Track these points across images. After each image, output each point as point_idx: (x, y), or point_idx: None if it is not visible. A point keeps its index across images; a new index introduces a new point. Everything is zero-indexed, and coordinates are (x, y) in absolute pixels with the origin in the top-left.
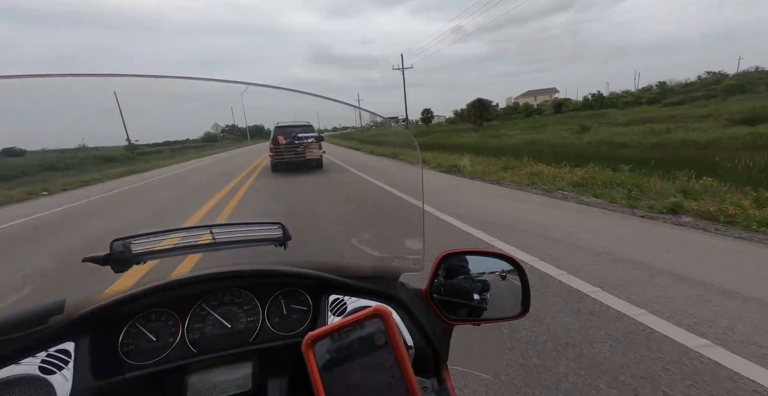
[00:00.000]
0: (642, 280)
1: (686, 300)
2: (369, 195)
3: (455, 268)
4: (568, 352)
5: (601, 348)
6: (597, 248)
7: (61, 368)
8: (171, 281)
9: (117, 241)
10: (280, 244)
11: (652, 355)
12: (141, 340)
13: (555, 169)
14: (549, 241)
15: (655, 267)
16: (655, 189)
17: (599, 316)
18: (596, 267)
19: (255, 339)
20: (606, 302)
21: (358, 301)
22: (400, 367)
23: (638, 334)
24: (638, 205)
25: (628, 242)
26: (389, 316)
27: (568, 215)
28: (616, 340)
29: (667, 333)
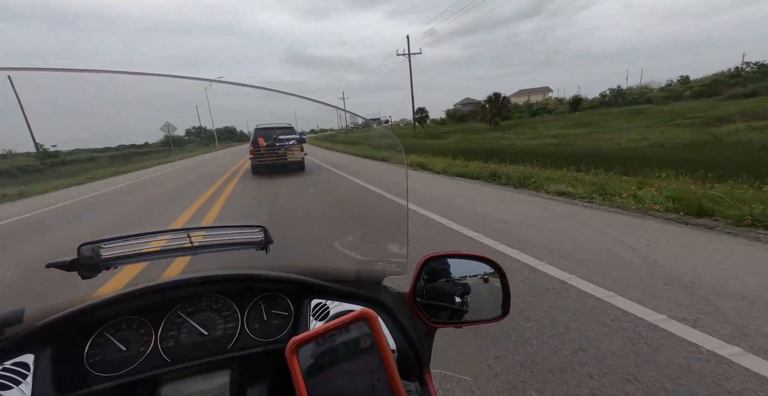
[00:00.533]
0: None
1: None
2: (353, 198)
3: (437, 271)
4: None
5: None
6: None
7: (18, 383)
8: (142, 287)
9: (85, 245)
10: (262, 248)
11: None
12: (109, 350)
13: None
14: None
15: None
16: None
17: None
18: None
19: (233, 346)
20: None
21: (341, 305)
22: (386, 370)
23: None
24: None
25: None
26: (375, 319)
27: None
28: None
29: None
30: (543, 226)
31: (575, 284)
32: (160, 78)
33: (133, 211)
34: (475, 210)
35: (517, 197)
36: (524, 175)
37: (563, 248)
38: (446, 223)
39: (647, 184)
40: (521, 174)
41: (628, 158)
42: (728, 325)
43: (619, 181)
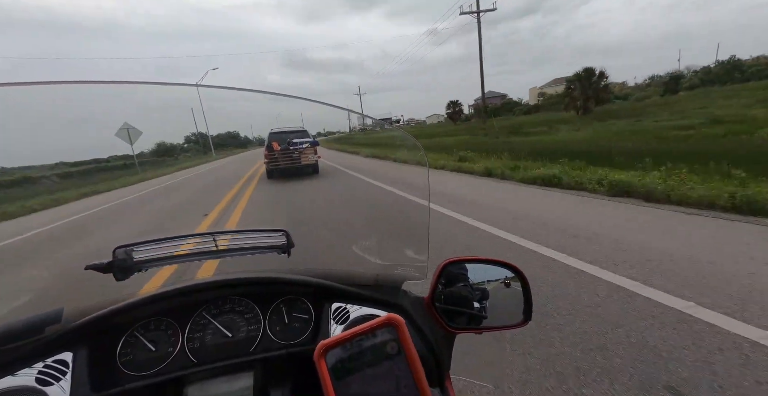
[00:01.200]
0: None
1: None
2: (374, 202)
3: (454, 275)
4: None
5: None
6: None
7: (58, 379)
8: (170, 290)
9: (119, 248)
10: (284, 252)
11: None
12: (140, 349)
13: None
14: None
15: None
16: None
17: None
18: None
19: (256, 348)
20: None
21: (361, 309)
22: (413, 376)
23: None
24: None
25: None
26: (402, 325)
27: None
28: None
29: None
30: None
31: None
32: (156, 86)
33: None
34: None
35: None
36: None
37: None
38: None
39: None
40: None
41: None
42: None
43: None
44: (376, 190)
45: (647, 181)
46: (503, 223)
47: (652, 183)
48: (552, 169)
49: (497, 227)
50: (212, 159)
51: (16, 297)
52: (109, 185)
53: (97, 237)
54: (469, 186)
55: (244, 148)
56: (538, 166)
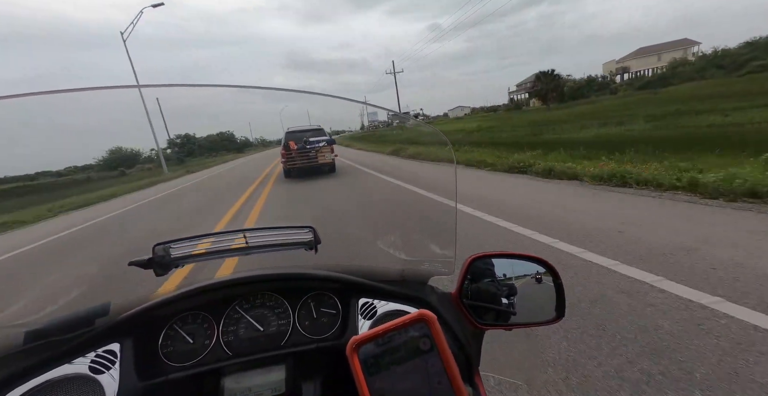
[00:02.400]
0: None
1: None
2: (398, 197)
3: (481, 271)
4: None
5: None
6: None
7: (108, 368)
8: (204, 285)
9: (158, 245)
10: (311, 248)
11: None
12: (179, 342)
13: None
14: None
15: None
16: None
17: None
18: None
19: (286, 342)
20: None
21: (388, 304)
22: (447, 372)
23: None
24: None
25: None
26: (434, 322)
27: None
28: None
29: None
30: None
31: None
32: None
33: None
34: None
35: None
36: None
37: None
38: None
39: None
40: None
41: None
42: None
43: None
44: (398, 186)
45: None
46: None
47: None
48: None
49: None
50: (165, 177)
51: (68, 292)
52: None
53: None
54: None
55: (239, 154)
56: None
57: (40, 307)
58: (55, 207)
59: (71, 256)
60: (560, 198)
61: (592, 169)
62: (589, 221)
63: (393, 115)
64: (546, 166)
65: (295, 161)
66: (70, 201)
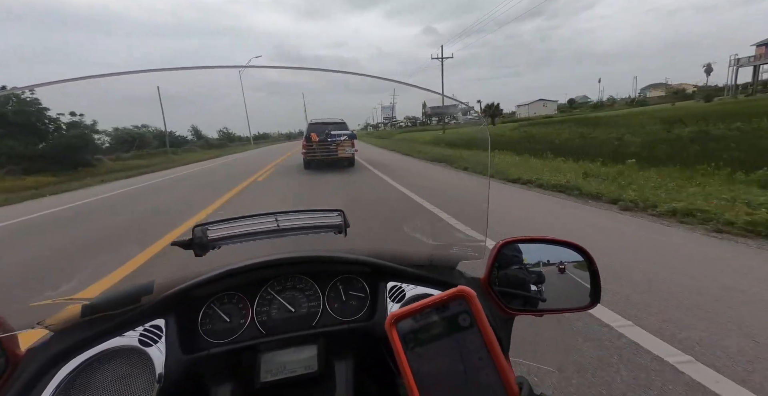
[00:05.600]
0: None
1: None
2: (435, 178)
3: (507, 257)
4: None
5: None
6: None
7: (156, 341)
8: (237, 267)
9: (198, 226)
10: (340, 231)
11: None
12: (216, 320)
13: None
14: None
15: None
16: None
17: None
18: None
19: (317, 323)
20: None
21: (417, 288)
22: (488, 349)
23: None
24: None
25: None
26: (473, 297)
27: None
28: None
29: None
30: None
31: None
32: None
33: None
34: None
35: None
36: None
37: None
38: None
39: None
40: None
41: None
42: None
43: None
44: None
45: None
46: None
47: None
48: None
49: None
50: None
51: (117, 270)
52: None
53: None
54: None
55: (214, 152)
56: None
57: (91, 284)
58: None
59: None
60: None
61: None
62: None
63: (437, 107)
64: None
65: (315, 153)
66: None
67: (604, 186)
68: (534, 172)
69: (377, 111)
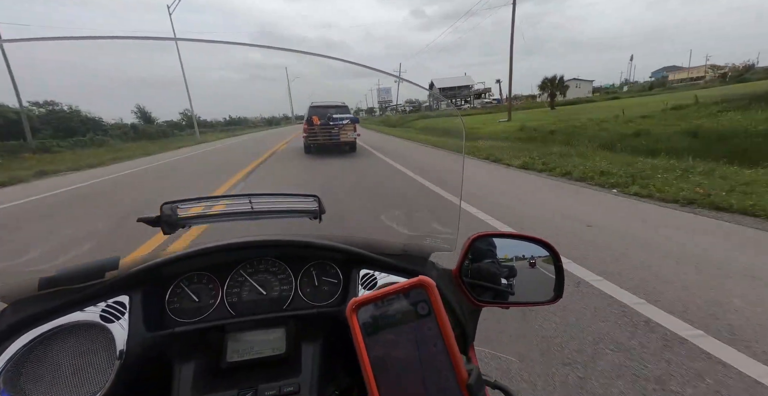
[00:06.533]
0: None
1: None
2: (408, 171)
3: (481, 251)
4: None
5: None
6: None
7: (118, 318)
8: (210, 246)
9: (166, 204)
10: (315, 217)
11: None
12: (185, 299)
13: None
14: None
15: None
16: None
17: None
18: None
19: (288, 307)
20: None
21: (388, 277)
22: (443, 337)
23: None
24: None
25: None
26: (433, 287)
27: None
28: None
29: None
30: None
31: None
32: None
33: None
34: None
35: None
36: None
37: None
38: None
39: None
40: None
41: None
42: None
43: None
44: (411, 160)
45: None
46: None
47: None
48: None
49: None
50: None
51: (80, 244)
52: None
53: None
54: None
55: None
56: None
57: (53, 257)
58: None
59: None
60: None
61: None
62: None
63: (447, 88)
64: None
65: (317, 137)
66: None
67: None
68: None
69: (373, 94)
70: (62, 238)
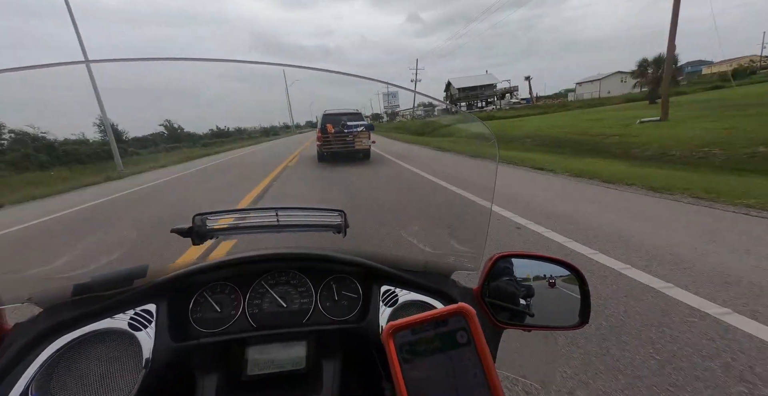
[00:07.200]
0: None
1: None
2: (431, 189)
3: (500, 270)
4: None
5: None
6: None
7: (145, 326)
8: (234, 258)
9: (198, 215)
10: (339, 231)
11: None
12: (207, 309)
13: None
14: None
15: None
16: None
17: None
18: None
19: (308, 320)
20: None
21: (410, 294)
22: (483, 368)
23: None
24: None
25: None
26: (473, 316)
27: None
28: None
29: None
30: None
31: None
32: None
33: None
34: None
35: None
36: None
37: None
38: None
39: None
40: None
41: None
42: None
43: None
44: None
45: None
46: None
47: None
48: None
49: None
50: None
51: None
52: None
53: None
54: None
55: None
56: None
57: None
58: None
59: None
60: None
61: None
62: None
63: (467, 88)
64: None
65: (332, 145)
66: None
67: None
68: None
69: (379, 99)
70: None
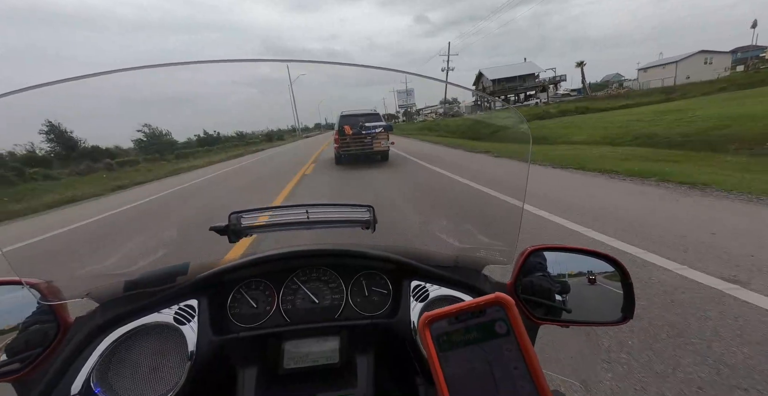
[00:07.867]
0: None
1: None
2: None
3: (532, 265)
4: None
5: None
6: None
7: (189, 321)
8: (267, 255)
9: (234, 213)
10: (368, 227)
11: None
12: (244, 305)
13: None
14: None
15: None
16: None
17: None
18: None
19: (340, 315)
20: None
21: (440, 289)
22: (525, 359)
23: None
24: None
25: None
26: (512, 305)
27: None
28: None
29: None
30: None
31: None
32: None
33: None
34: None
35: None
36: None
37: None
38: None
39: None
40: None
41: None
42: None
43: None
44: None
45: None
46: None
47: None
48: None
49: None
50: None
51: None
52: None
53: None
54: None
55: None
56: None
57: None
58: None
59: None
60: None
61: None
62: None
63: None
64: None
65: (350, 146)
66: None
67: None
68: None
69: (392, 96)
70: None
